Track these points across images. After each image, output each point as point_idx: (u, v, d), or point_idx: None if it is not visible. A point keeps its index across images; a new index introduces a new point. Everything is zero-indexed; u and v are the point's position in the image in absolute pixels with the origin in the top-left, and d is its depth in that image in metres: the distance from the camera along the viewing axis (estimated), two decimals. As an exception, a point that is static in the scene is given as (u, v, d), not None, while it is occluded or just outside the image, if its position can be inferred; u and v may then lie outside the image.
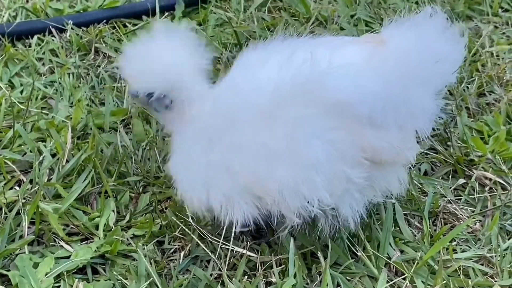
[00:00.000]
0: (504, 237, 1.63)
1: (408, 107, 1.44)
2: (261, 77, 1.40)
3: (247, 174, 1.37)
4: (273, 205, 1.40)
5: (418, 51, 1.47)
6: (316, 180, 1.35)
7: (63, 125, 1.88)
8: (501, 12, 2.47)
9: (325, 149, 1.35)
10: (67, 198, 1.65)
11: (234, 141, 1.37)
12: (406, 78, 1.44)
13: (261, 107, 1.36)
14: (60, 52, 2.20)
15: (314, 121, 1.35)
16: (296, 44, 1.48)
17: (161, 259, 1.55)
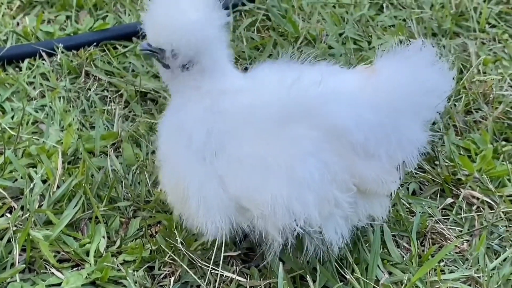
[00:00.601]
0: (491, 256, 1.64)
1: (397, 137, 1.49)
2: (267, 95, 1.43)
3: (239, 185, 1.39)
4: (259, 220, 1.41)
5: (408, 82, 1.54)
6: (308, 197, 1.38)
7: (54, 150, 1.88)
8: (488, 28, 2.48)
9: (319, 168, 1.38)
10: (58, 225, 1.65)
11: (233, 151, 1.39)
12: (397, 109, 1.50)
13: (264, 123, 1.39)
14: (50, 76, 2.20)
15: (312, 141, 1.38)
16: (302, 67, 1.52)
17: (151, 286, 1.55)
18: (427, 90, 1.57)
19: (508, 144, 1.97)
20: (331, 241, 1.45)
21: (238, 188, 1.40)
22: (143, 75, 2.19)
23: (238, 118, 1.41)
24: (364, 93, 1.49)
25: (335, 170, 1.40)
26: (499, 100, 2.12)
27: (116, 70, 2.23)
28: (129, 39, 2.38)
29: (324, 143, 1.39)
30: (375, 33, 2.41)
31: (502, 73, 2.24)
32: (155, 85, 2.15)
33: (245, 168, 1.39)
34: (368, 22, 2.49)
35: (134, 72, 2.23)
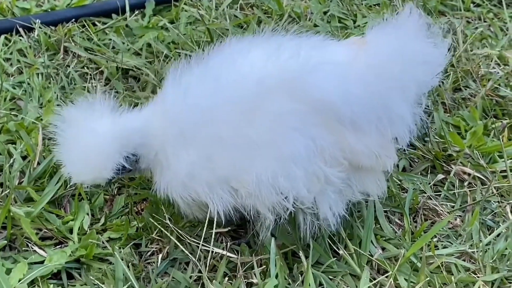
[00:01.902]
0: (485, 232, 1.62)
1: (388, 113, 1.44)
2: (243, 69, 1.38)
3: (225, 166, 1.35)
4: (248, 199, 1.37)
5: (400, 56, 1.48)
6: (295, 173, 1.34)
7: (33, 126, 1.83)
8: (473, 7, 2.47)
9: (306, 143, 1.34)
10: (40, 202, 1.60)
11: (214, 132, 1.34)
12: (387, 84, 1.45)
13: (244, 99, 1.34)
14: (28, 52, 2.14)
15: (296, 115, 1.34)
16: (282, 40, 1.46)
17: (138, 262, 1.51)
18: (420, 63, 1.53)
19: (497, 121, 1.95)
20: (325, 217, 1.43)
21: (225, 168, 1.36)
22: (124, 52, 2.14)
23: (211, 99, 1.37)
24: (353, 67, 1.44)
25: (323, 145, 1.36)
26: (487, 77, 2.10)
27: (96, 47, 2.17)
28: (108, 16, 2.32)
29: (309, 117, 1.35)
30: (360, 12, 2.39)
31: (488, 51, 2.23)
32: (136, 62, 2.10)
33: (229, 148, 1.34)
34: (352, 0, 2.45)
35: (115, 49, 2.18)
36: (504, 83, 2.09)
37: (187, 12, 2.34)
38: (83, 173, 1.40)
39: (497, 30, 2.34)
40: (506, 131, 1.90)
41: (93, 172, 1.39)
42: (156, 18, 2.32)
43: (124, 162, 1.39)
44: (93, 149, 1.37)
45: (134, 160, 1.42)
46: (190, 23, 2.30)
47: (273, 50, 1.40)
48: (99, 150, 1.37)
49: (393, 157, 1.50)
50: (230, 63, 1.42)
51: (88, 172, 1.39)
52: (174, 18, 2.32)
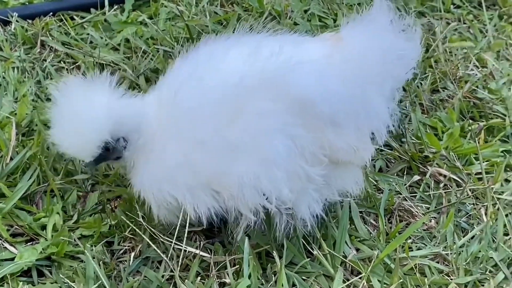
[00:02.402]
0: (459, 234, 1.63)
1: (365, 108, 1.46)
2: (223, 69, 1.38)
3: (207, 169, 1.34)
4: (230, 201, 1.37)
5: (376, 51, 1.50)
6: (277, 174, 1.34)
7: (7, 121, 1.80)
8: (453, 9, 2.47)
9: (286, 144, 1.34)
10: (11, 198, 1.59)
11: (195, 135, 1.34)
12: (364, 79, 1.46)
13: (224, 100, 1.34)
14: (4, 45, 2.11)
15: (276, 116, 1.34)
16: (258, 39, 1.46)
17: (110, 261, 1.50)
18: (396, 57, 1.54)
19: (474, 123, 1.95)
20: (303, 216, 1.43)
21: (207, 171, 1.35)
22: (102, 47, 2.12)
23: (193, 99, 1.36)
24: (330, 63, 1.44)
25: (303, 144, 1.36)
26: (465, 79, 2.11)
27: (73, 41, 2.15)
28: (87, 10, 2.29)
29: (288, 116, 1.35)
30: (341, 11, 2.37)
31: (466, 53, 2.23)
32: (114, 57, 2.08)
33: (209, 151, 1.34)
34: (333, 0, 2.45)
35: (93, 44, 2.15)
36: (482, 85, 2.09)
37: (166, 8, 2.32)
38: (70, 142, 1.39)
39: (476, 31, 2.34)
40: (482, 133, 1.90)
41: (80, 143, 1.38)
42: (135, 13, 2.29)
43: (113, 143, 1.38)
44: (86, 121, 1.36)
45: (124, 146, 1.40)
46: (170, 19, 2.28)
47: (251, 49, 1.40)
48: (91, 123, 1.36)
49: (370, 149, 1.51)
50: (210, 63, 1.41)
51: (75, 142, 1.38)
52: (153, 14, 2.30)
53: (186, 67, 1.44)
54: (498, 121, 1.96)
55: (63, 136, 1.39)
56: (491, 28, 2.36)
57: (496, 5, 2.49)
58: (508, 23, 2.40)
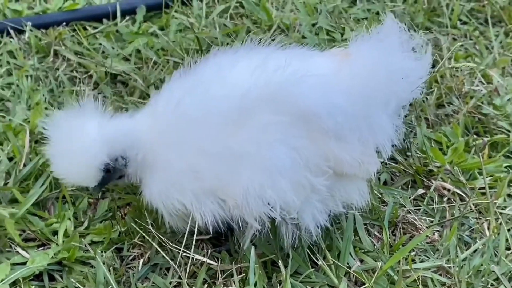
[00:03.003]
0: (462, 247, 1.64)
1: (369, 123, 1.47)
2: (230, 81, 1.40)
3: (212, 177, 1.36)
4: (235, 209, 1.39)
5: (383, 68, 1.51)
6: (282, 184, 1.35)
7: (21, 128, 1.83)
8: (460, 25, 2.49)
9: (290, 155, 1.36)
10: (24, 203, 1.61)
11: (200, 145, 1.36)
12: (370, 96, 1.47)
13: (229, 111, 1.36)
14: (18, 54, 2.15)
15: (281, 127, 1.36)
16: (267, 52, 1.48)
17: (119, 267, 1.53)
18: (403, 76, 1.55)
19: (479, 138, 1.97)
20: (308, 227, 1.44)
21: (212, 180, 1.37)
22: (113, 57, 2.15)
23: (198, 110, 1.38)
24: (337, 78, 1.46)
25: (307, 155, 1.38)
26: (471, 95, 2.13)
27: (86, 51, 2.19)
28: (99, 21, 2.33)
29: (293, 128, 1.37)
30: (348, 25, 2.40)
31: (472, 69, 2.25)
32: (125, 67, 2.12)
33: (214, 160, 1.36)
34: (341, 14, 2.48)
35: (104, 54, 2.19)
36: (487, 101, 2.11)
37: (177, 20, 2.35)
38: (72, 173, 1.43)
39: (482, 48, 2.36)
40: (487, 148, 1.91)
41: (81, 172, 1.42)
42: (146, 25, 2.32)
43: (112, 163, 1.41)
44: (82, 149, 1.39)
45: (124, 164, 1.44)
46: (180, 31, 2.31)
47: (258, 62, 1.42)
48: (87, 150, 1.40)
49: (376, 163, 1.52)
50: (218, 74, 1.44)
51: (77, 172, 1.43)
52: (164, 25, 2.33)
53: (192, 78, 1.46)
54: (502, 137, 1.97)
55: (64, 169, 1.44)
56: (497, 44, 2.38)
57: (502, 22, 2.51)
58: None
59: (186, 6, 2.43)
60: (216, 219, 1.40)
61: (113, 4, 2.36)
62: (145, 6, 2.37)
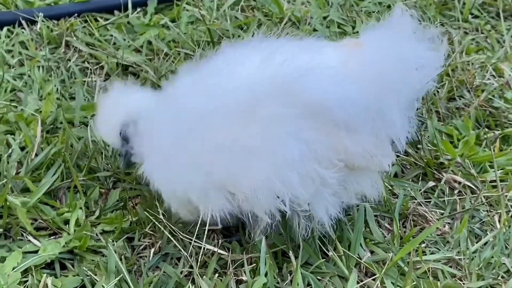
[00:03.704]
0: (472, 240, 1.64)
1: (382, 115, 1.45)
2: (239, 75, 1.40)
3: (221, 171, 1.36)
4: (244, 203, 1.38)
5: (395, 59, 1.48)
6: (291, 177, 1.34)
7: (33, 118, 1.84)
8: (471, 18, 2.49)
9: (300, 147, 1.35)
10: (36, 192, 1.62)
11: (209, 138, 1.36)
12: (382, 86, 1.44)
13: (238, 105, 1.35)
14: (30, 45, 2.16)
15: (290, 120, 1.34)
16: (276, 44, 1.47)
17: (131, 256, 1.53)
18: (416, 66, 1.53)
19: (490, 131, 1.97)
20: (321, 219, 1.43)
21: (221, 174, 1.36)
22: (125, 48, 2.16)
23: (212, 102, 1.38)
24: (348, 69, 1.44)
25: (316, 148, 1.36)
26: (482, 88, 2.12)
27: (97, 42, 2.19)
28: (111, 12, 2.33)
29: (302, 120, 1.35)
30: (359, 18, 2.40)
31: (483, 62, 2.25)
32: (137, 58, 2.12)
33: (223, 154, 1.35)
34: (352, 7, 2.47)
35: (116, 45, 2.19)
36: (498, 94, 2.11)
37: (188, 12, 2.36)
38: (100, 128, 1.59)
39: (494, 42, 2.36)
40: (498, 141, 1.92)
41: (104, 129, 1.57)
42: (157, 16, 2.33)
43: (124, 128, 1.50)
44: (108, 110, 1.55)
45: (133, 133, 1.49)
46: (191, 23, 2.32)
47: (267, 54, 1.41)
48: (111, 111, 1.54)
49: (390, 156, 1.51)
50: (227, 67, 1.43)
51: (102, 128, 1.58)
52: (176, 17, 2.34)
53: (203, 71, 1.46)
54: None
55: (97, 125, 1.59)
56: (508, 38, 2.37)
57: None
58: (526, 34, 2.42)
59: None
60: (224, 213, 1.40)
61: (124, -5, 2.36)
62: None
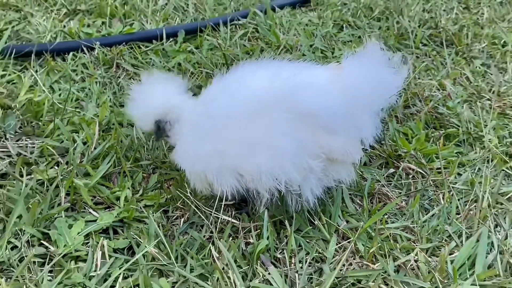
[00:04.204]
0: (423, 212, 1.64)
1: (357, 122, 1.46)
2: (251, 86, 1.40)
3: (234, 158, 1.36)
4: (250, 183, 1.39)
5: (369, 79, 1.49)
6: (286, 165, 1.35)
7: (92, 120, 1.84)
8: (421, 46, 2.48)
9: (294, 143, 1.36)
10: (95, 176, 1.62)
11: (227, 133, 1.36)
12: (358, 101, 1.45)
13: (250, 110, 1.36)
14: (89, 66, 2.16)
15: (287, 122, 1.35)
16: (280, 65, 1.48)
17: (166, 224, 1.53)
18: (384, 86, 1.54)
19: (436, 131, 1.96)
20: (307, 197, 1.44)
21: (234, 160, 1.37)
22: (160, 68, 2.16)
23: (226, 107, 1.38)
24: (333, 86, 1.44)
25: (307, 144, 1.37)
26: (430, 98, 2.12)
27: (140, 64, 2.19)
28: (150, 41, 2.33)
29: (297, 123, 1.35)
30: (337, 46, 2.40)
31: (431, 79, 2.24)
32: (170, 76, 2.12)
33: (237, 145, 1.36)
34: (332, 37, 2.47)
35: (154, 66, 2.19)
36: (442, 103, 2.10)
37: (208, 41, 2.35)
38: (137, 118, 1.51)
39: (438, 64, 2.35)
40: (442, 138, 1.91)
41: (142, 119, 1.50)
42: (185, 44, 2.33)
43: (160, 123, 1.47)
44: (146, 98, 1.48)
45: (169, 128, 1.47)
46: (211, 49, 2.31)
47: (273, 72, 1.41)
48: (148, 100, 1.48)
49: (360, 153, 1.52)
50: (241, 81, 1.43)
51: (140, 118, 1.50)
52: (199, 45, 2.33)
53: (222, 84, 1.46)
54: (454, 130, 1.97)
55: (131, 108, 1.50)
56: (449, 61, 2.37)
57: (454, 44, 2.50)
58: (462, 58, 2.41)
59: (215, 30, 2.43)
60: (234, 190, 1.40)
61: (160, 29, 2.36)
62: (184, 30, 2.37)
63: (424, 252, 1.50)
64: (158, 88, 1.49)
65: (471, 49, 2.47)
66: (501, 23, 2.69)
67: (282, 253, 1.47)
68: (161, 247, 1.45)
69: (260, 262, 1.44)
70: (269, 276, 1.40)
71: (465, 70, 2.31)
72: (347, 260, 1.47)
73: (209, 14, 2.55)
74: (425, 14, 2.71)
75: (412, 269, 1.45)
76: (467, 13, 2.78)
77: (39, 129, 1.80)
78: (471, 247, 1.49)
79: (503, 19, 2.75)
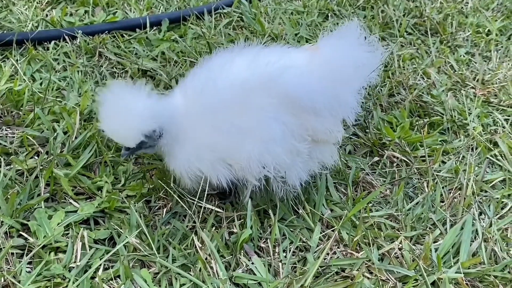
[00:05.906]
0: (407, 200, 1.62)
1: (338, 101, 1.44)
2: (231, 75, 1.36)
3: (223, 148, 1.34)
4: (239, 171, 1.37)
5: (345, 58, 1.47)
6: (275, 150, 1.34)
7: (73, 110, 1.79)
8: (406, 35, 2.45)
9: (281, 128, 1.34)
10: (75, 166, 1.58)
11: (214, 124, 1.33)
12: (337, 79, 1.43)
13: (233, 98, 1.33)
14: (71, 55, 2.10)
15: (273, 107, 1.33)
16: (255, 50, 1.44)
17: (148, 214, 1.50)
18: (360, 64, 1.51)
19: (420, 119, 1.94)
20: (293, 183, 1.42)
21: (223, 150, 1.34)
22: (144, 57, 2.11)
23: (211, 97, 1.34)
24: (311, 67, 1.42)
25: (292, 127, 1.36)
26: (414, 87, 2.09)
27: (123, 53, 2.14)
28: (133, 30, 2.28)
29: (282, 107, 1.34)
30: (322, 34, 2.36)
31: (415, 68, 2.22)
32: (153, 65, 2.07)
33: (225, 135, 1.33)
34: (317, 26, 2.44)
35: (137, 55, 2.14)
36: (426, 91, 2.08)
37: (192, 30, 2.31)
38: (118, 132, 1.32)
39: (423, 52, 2.33)
40: (426, 127, 1.89)
41: (126, 133, 1.31)
42: (169, 33, 2.28)
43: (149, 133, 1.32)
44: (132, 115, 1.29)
45: (158, 136, 1.34)
46: (195, 38, 2.27)
47: (252, 58, 1.39)
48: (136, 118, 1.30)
49: (341, 131, 1.50)
50: (221, 70, 1.39)
51: (122, 132, 1.31)
52: (183, 34, 2.29)
53: (204, 73, 1.41)
54: (438, 118, 1.95)
55: (112, 127, 1.31)
56: (434, 50, 2.34)
57: (438, 33, 2.48)
58: (447, 46, 2.39)
59: (200, 19, 2.39)
60: (226, 179, 1.38)
61: (144, 17, 2.30)
62: (168, 19, 2.32)
63: (409, 240, 1.48)
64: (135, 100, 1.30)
65: (455, 38, 2.44)
66: (485, 12, 2.67)
67: (266, 242, 1.44)
68: (143, 237, 1.41)
69: (244, 251, 1.41)
70: (253, 265, 1.37)
71: (449, 58, 2.29)
72: (331, 248, 1.44)
73: (193, 3, 2.50)
74: (409, 3, 2.68)
75: (396, 257, 1.43)
76: (451, 2, 2.75)
77: (19, 119, 1.75)
78: (455, 235, 1.47)
79: (487, 8, 2.73)
